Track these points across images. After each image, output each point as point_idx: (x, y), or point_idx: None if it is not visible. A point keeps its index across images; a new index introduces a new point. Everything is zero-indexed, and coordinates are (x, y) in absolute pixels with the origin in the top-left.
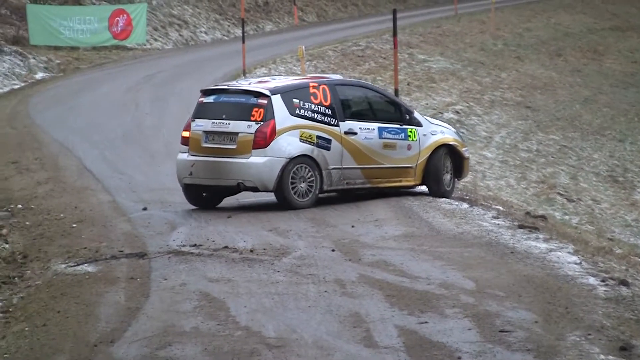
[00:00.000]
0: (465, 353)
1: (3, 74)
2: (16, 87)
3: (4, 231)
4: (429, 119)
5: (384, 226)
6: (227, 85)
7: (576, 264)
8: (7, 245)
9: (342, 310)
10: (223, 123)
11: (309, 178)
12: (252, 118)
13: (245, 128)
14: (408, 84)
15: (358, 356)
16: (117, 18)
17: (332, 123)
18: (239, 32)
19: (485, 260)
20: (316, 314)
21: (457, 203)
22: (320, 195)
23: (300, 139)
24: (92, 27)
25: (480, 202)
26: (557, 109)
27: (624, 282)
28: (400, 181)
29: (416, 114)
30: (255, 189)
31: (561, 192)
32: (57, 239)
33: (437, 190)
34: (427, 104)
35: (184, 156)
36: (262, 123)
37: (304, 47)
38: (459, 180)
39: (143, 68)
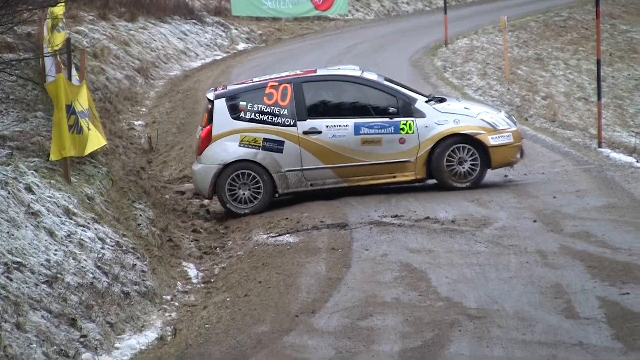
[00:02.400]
0: None
1: (206, 45)
2: (218, 57)
3: (206, 202)
4: (440, 107)
5: (586, 197)
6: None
7: None
8: (208, 216)
9: (543, 281)
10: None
11: (253, 184)
12: (202, 124)
13: (198, 134)
14: (610, 55)
15: (559, 327)
16: None
17: (287, 123)
18: (440, 2)
19: None
20: (517, 285)
21: None
22: (282, 197)
23: (240, 144)
24: None
25: None
26: None
27: None
28: (394, 177)
29: (419, 104)
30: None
31: None
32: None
33: (443, 183)
34: (629, 74)
35: None
36: (203, 129)
37: (505, 17)
38: (492, 169)
39: (345, 39)
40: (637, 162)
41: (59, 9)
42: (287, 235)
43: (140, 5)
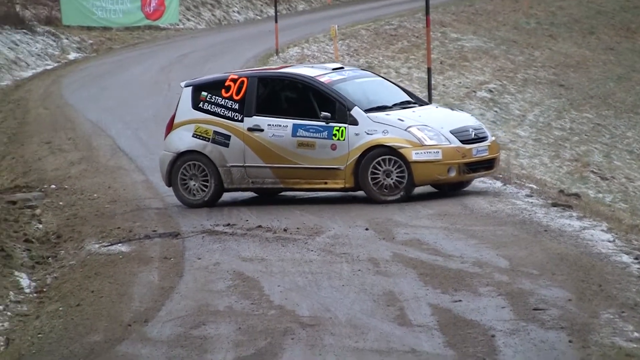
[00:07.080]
0: (499, 331)
1: (36, 55)
2: (49, 67)
3: (38, 211)
4: (374, 116)
5: (417, 205)
6: None
7: (609, 241)
8: (40, 226)
9: (375, 289)
10: None
11: (202, 176)
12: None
13: None
14: (441, 63)
15: (392, 335)
16: None
17: (236, 118)
18: (271, 11)
19: (519, 238)
20: (350, 293)
21: (490, 181)
22: (229, 192)
23: (193, 134)
24: (124, 7)
25: (514, 181)
26: (591, 87)
27: None
28: (326, 183)
29: (355, 111)
30: None
31: (595, 170)
32: (90, 219)
33: (369, 196)
34: (459, 82)
35: None
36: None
37: (336, 26)
38: (415, 185)
39: (176, 48)
40: None
41: None
42: (120, 244)
43: None
